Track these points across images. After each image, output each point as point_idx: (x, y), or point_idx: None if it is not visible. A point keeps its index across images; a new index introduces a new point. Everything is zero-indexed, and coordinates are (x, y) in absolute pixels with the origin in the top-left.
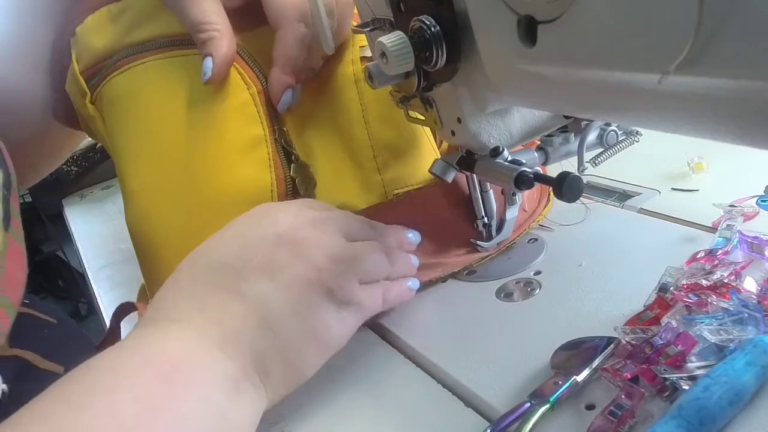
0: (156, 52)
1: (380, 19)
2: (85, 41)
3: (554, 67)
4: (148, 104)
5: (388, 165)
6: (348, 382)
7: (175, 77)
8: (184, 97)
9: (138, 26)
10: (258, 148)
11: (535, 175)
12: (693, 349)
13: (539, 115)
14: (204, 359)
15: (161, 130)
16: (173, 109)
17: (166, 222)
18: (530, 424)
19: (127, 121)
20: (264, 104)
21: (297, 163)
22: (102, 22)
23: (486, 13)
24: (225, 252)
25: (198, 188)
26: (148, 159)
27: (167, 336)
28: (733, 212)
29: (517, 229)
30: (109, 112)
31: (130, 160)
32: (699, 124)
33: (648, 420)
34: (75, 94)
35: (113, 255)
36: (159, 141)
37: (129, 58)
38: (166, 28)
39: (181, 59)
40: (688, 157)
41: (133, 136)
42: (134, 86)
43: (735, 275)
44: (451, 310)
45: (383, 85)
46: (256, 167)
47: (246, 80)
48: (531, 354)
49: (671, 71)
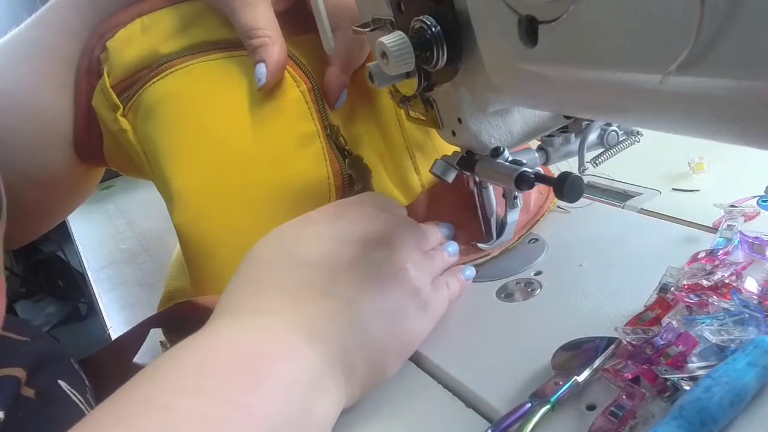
0: (199, 56)
1: (380, 19)
2: (118, 55)
3: (555, 67)
4: (194, 105)
5: (422, 166)
6: None
7: (222, 77)
8: (234, 96)
9: (174, 36)
10: (312, 143)
11: (536, 176)
12: (694, 349)
13: (540, 115)
14: (291, 352)
15: (211, 130)
16: (223, 108)
17: (221, 221)
18: (531, 425)
19: (170, 122)
20: (313, 101)
21: (351, 157)
22: (134, 35)
23: (487, 13)
24: (312, 251)
25: (254, 185)
26: (196, 159)
27: (253, 327)
28: (733, 212)
29: (521, 228)
30: (147, 117)
31: (175, 161)
32: (700, 125)
33: (649, 420)
34: (103, 109)
35: (113, 255)
36: (208, 140)
37: (170, 63)
38: (205, 36)
39: (226, 60)
40: (689, 157)
41: (177, 137)
42: (179, 88)
43: (736, 275)
44: (451, 311)
45: (384, 85)
46: (312, 162)
47: (295, 78)
48: (532, 354)
49: (672, 71)
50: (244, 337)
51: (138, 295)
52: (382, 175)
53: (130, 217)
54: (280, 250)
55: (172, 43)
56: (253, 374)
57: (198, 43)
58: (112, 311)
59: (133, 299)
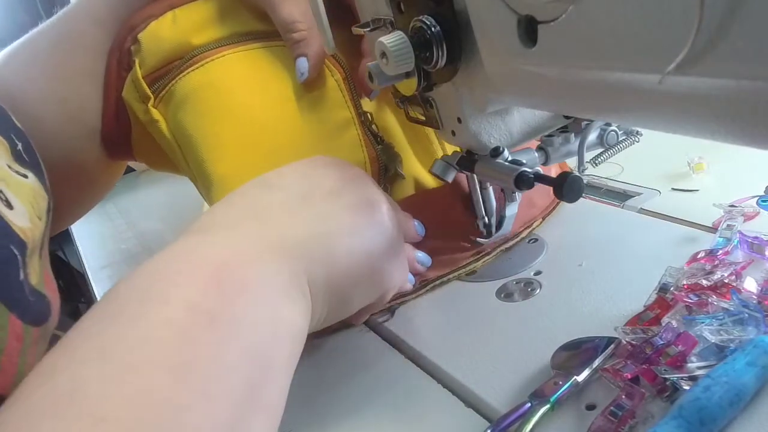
0: (233, 47)
1: (380, 19)
2: (149, 47)
3: (554, 67)
4: (231, 94)
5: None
6: (348, 382)
7: (258, 67)
8: (271, 85)
9: (207, 27)
10: (348, 129)
11: (536, 175)
12: (693, 349)
13: (539, 115)
14: (257, 261)
15: (249, 118)
16: (260, 97)
17: None
18: (531, 425)
19: (207, 111)
20: (347, 90)
21: (383, 144)
22: (166, 27)
23: (486, 14)
24: (287, 180)
25: None
26: (235, 146)
27: (218, 241)
28: (733, 212)
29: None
30: (181, 107)
31: (215, 148)
32: (699, 125)
33: (648, 420)
34: (134, 100)
35: (113, 255)
36: (247, 128)
37: (204, 54)
38: (238, 27)
39: (261, 51)
40: (689, 157)
41: (215, 126)
42: (215, 78)
43: (735, 275)
44: (451, 310)
45: (383, 84)
46: (349, 147)
47: (330, 68)
48: (531, 354)
49: (671, 71)
50: (216, 249)
51: None
52: (414, 162)
53: (130, 217)
54: (255, 182)
55: (205, 35)
56: (219, 282)
57: (231, 34)
58: None
59: None
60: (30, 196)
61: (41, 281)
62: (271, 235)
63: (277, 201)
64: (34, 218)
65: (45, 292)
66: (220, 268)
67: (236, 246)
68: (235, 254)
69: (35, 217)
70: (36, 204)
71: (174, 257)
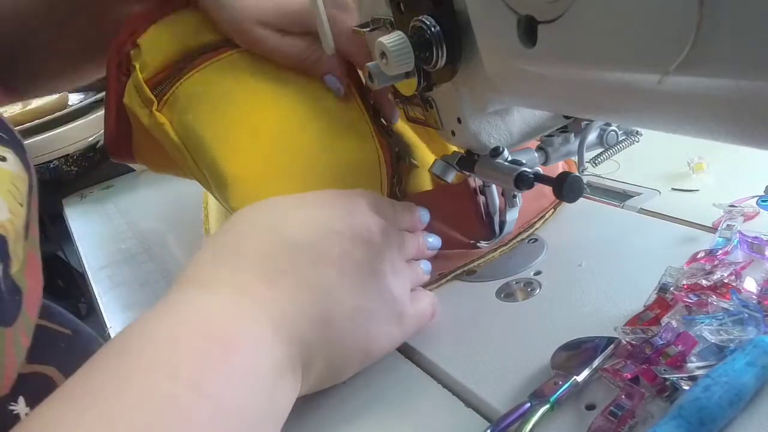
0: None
1: (380, 19)
2: (151, 50)
3: (554, 67)
4: (240, 93)
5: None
6: (347, 382)
7: (265, 66)
8: (279, 82)
9: (209, 29)
10: (359, 121)
11: (535, 175)
12: (693, 349)
13: (539, 115)
14: (260, 342)
15: (260, 115)
16: (269, 94)
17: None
18: (530, 425)
19: (216, 111)
20: (354, 84)
21: (393, 135)
22: (167, 30)
23: (486, 14)
24: (299, 234)
25: (308, 167)
26: (248, 144)
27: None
28: (733, 212)
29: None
30: (187, 109)
31: (227, 147)
32: (699, 124)
33: (648, 420)
34: (136, 106)
35: (113, 255)
36: (257, 126)
37: (207, 55)
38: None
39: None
40: (688, 157)
41: (225, 125)
42: (221, 78)
43: (735, 275)
44: (451, 311)
45: (383, 84)
46: (361, 139)
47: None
48: (531, 354)
49: (671, 71)
50: (217, 315)
51: (138, 295)
52: (425, 151)
53: (130, 217)
54: (266, 225)
55: (208, 36)
56: (224, 360)
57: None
58: (112, 311)
59: (133, 299)
60: (8, 183)
61: (23, 267)
62: (273, 310)
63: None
64: (15, 206)
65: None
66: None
67: (241, 319)
68: (239, 331)
69: (16, 205)
70: (15, 190)
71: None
